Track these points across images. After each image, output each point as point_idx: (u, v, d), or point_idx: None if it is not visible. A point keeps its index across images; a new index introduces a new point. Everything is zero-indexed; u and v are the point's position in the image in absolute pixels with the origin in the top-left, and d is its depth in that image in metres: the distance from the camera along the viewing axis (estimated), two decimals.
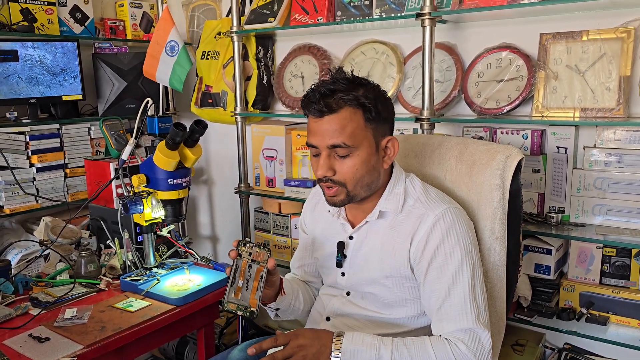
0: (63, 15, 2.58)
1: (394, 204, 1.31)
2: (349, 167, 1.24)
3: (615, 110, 1.75)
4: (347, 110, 1.21)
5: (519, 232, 1.47)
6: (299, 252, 1.61)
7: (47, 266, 1.91)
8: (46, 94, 2.43)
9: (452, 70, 2.08)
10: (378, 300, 1.36)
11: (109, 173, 2.11)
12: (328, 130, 1.22)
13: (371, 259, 1.35)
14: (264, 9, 2.48)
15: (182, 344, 2.41)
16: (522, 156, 1.41)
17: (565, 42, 1.84)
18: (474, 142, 1.51)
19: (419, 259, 1.26)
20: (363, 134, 1.23)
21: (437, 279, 1.24)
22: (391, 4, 2.13)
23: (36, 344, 1.41)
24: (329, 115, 1.21)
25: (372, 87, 1.27)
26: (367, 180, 1.27)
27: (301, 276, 1.61)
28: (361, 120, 1.22)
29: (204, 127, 1.76)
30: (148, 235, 1.84)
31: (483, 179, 1.41)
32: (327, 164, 1.25)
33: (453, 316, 1.21)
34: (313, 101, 1.22)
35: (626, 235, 1.73)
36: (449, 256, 1.23)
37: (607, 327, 1.83)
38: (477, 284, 1.24)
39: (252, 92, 2.58)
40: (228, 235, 3.12)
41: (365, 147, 1.23)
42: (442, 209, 1.27)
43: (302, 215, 1.58)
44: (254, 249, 1.24)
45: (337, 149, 1.23)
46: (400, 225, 1.30)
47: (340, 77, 1.25)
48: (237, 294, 1.19)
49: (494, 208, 1.39)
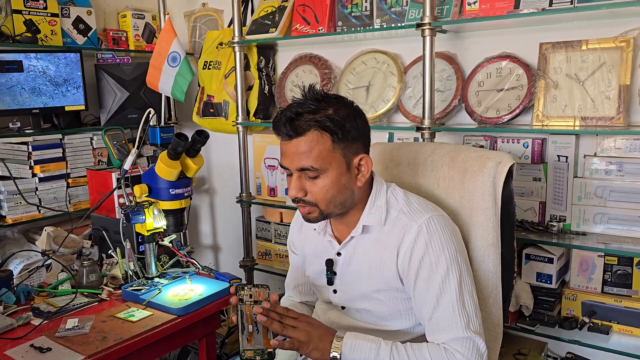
0: (66, 27, 2.60)
1: (376, 218, 1.30)
2: (319, 188, 1.24)
3: (616, 118, 1.75)
4: (313, 133, 1.20)
5: (512, 238, 1.47)
6: (292, 272, 1.61)
7: (49, 276, 1.91)
8: (49, 104, 2.45)
9: (453, 80, 2.09)
10: (373, 315, 1.36)
11: (111, 183, 2.12)
12: (296, 153, 1.22)
13: (361, 274, 1.34)
14: (265, 19, 2.50)
15: (183, 354, 2.40)
16: (514, 162, 1.40)
17: (565, 51, 1.85)
18: (466, 149, 1.50)
19: (407, 271, 1.26)
20: (331, 155, 1.22)
21: (425, 289, 1.24)
22: (391, 14, 2.15)
23: (38, 354, 1.41)
24: (296, 138, 1.21)
25: (342, 105, 1.25)
26: (339, 200, 1.26)
27: (298, 297, 1.61)
28: (328, 142, 1.21)
29: (205, 137, 1.77)
30: (150, 245, 1.84)
31: (475, 185, 1.40)
32: (298, 185, 1.26)
33: (444, 326, 1.22)
34: (280, 124, 1.23)
35: (628, 244, 1.73)
36: (434, 266, 1.23)
37: (610, 336, 1.82)
38: (465, 290, 1.24)
39: (253, 101, 2.59)
40: (230, 244, 3.12)
41: (334, 168, 1.23)
42: (425, 218, 1.26)
43: (289, 236, 1.58)
44: (253, 290, 1.26)
45: (306, 171, 1.24)
46: (386, 238, 1.29)
47: (310, 97, 1.24)
48: (250, 339, 1.21)
49: (487, 215, 1.38)
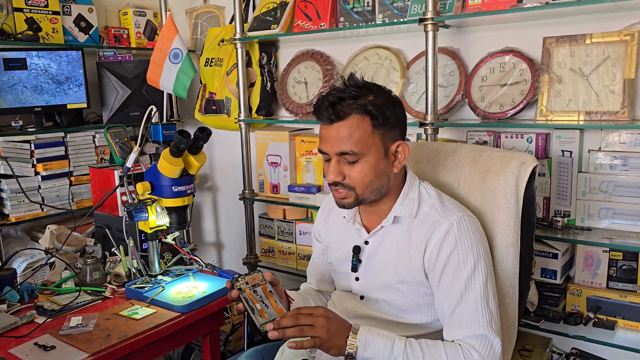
0: (67, 24, 2.59)
1: (408, 210, 1.33)
2: (357, 172, 1.26)
3: (620, 113, 1.74)
4: (355, 117, 1.23)
5: (531, 239, 1.46)
6: (314, 260, 1.62)
7: (53, 274, 1.92)
8: (51, 102, 2.45)
9: (456, 75, 2.08)
10: (392, 306, 1.36)
11: (113, 181, 2.12)
12: (336, 137, 1.25)
13: (386, 264, 1.35)
14: (267, 15, 2.49)
15: (187, 352, 2.40)
16: (537, 163, 1.41)
17: (568, 45, 1.84)
18: (488, 149, 1.51)
19: (433, 266, 1.28)
20: (371, 140, 1.25)
21: (449, 285, 1.25)
22: (394, 10, 2.14)
23: (42, 352, 1.41)
24: (338, 122, 1.24)
25: (382, 93, 1.29)
26: (376, 185, 1.29)
27: (316, 285, 1.63)
28: (368, 127, 1.24)
29: (208, 134, 1.76)
30: (153, 242, 1.84)
31: (497, 185, 1.41)
32: (337, 170, 1.28)
33: (465, 322, 1.22)
34: (323, 108, 1.25)
35: (633, 239, 1.72)
36: (462, 263, 1.24)
37: (615, 331, 1.81)
38: (490, 290, 1.25)
39: (255, 98, 2.58)
40: (233, 241, 3.12)
41: (373, 153, 1.25)
42: (457, 217, 1.28)
43: (315, 224, 1.60)
44: (248, 277, 1.30)
45: (345, 155, 1.25)
46: (416, 231, 1.31)
47: (351, 84, 1.27)
48: (263, 315, 1.23)
49: (508, 214, 1.39)
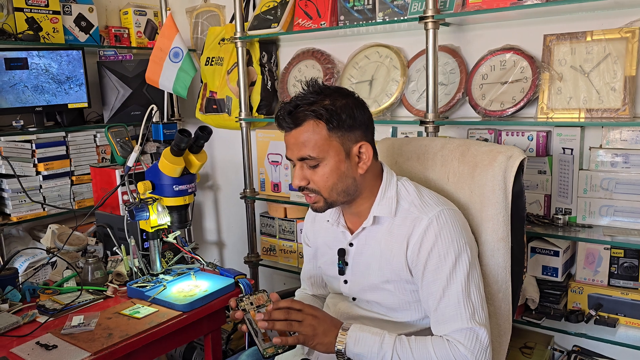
0: (68, 24, 2.60)
1: (387, 208, 1.33)
2: (319, 176, 1.29)
3: (621, 110, 1.74)
4: (310, 123, 1.26)
5: (522, 233, 1.46)
6: (306, 265, 1.64)
7: (54, 274, 1.92)
8: (52, 102, 2.45)
9: (456, 73, 2.08)
10: (383, 306, 1.38)
11: (114, 180, 2.12)
12: (295, 143, 1.28)
13: (371, 265, 1.37)
14: (267, 14, 2.49)
15: (189, 350, 2.41)
16: (524, 156, 1.40)
17: (569, 42, 1.84)
18: (476, 144, 1.50)
19: (415, 262, 1.29)
20: (328, 144, 1.27)
21: (432, 281, 1.27)
22: (394, 8, 2.13)
23: (43, 351, 1.41)
24: (295, 129, 1.27)
25: (340, 96, 1.30)
26: (340, 187, 1.30)
27: (310, 289, 1.64)
28: (324, 131, 1.26)
29: (208, 133, 1.76)
30: (154, 241, 1.84)
31: (485, 180, 1.41)
32: (301, 175, 1.31)
33: (449, 317, 1.24)
34: (281, 117, 1.29)
35: (634, 236, 1.72)
36: (442, 258, 1.25)
37: (617, 328, 1.81)
38: (472, 283, 1.26)
39: (256, 97, 2.58)
40: (234, 240, 3.12)
41: (332, 156, 1.28)
42: (436, 211, 1.29)
43: (303, 229, 1.62)
44: (253, 298, 1.31)
45: (306, 160, 1.28)
46: (397, 230, 1.32)
47: (309, 90, 1.30)
48: (266, 339, 1.24)
49: (497, 209, 1.39)
